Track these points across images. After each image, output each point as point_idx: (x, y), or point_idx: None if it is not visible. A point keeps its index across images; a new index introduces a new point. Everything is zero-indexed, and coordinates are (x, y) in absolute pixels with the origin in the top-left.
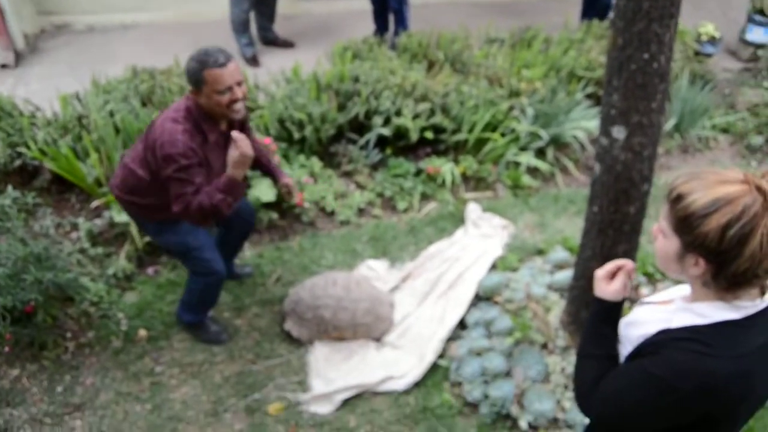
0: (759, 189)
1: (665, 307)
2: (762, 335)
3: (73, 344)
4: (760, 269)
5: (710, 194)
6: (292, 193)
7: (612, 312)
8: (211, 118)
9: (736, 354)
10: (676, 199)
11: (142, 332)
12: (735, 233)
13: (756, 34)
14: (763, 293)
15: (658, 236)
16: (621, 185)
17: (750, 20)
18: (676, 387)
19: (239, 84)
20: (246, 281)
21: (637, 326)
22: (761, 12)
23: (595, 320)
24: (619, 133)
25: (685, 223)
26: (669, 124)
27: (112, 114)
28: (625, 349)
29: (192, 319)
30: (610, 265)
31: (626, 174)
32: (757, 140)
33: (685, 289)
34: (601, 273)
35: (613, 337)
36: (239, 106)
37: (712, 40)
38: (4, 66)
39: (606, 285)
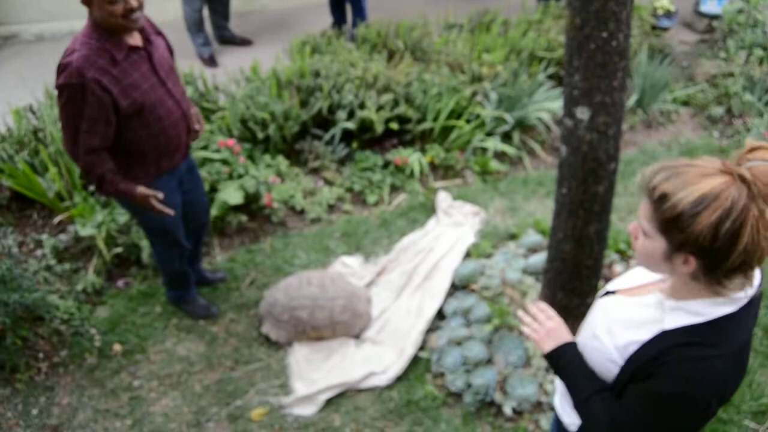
0: (741, 179)
1: (643, 300)
2: (751, 322)
3: (46, 364)
4: (753, 261)
5: (695, 191)
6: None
7: (571, 353)
8: (112, 34)
9: (737, 347)
10: (659, 200)
11: (117, 347)
12: (727, 229)
13: (710, 6)
14: (750, 280)
15: (639, 236)
16: (588, 165)
17: None
18: (694, 397)
19: None
20: (219, 287)
21: (622, 330)
22: None
23: (566, 371)
24: (582, 113)
25: (674, 224)
26: (631, 100)
27: None
28: (608, 351)
29: (174, 295)
30: (534, 325)
31: (593, 154)
32: (717, 111)
33: (652, 274)
34: (535, 335)
35: (593, 371)
36: (137, 15)
37: (668, 14)
38: None
39: (547, 338)
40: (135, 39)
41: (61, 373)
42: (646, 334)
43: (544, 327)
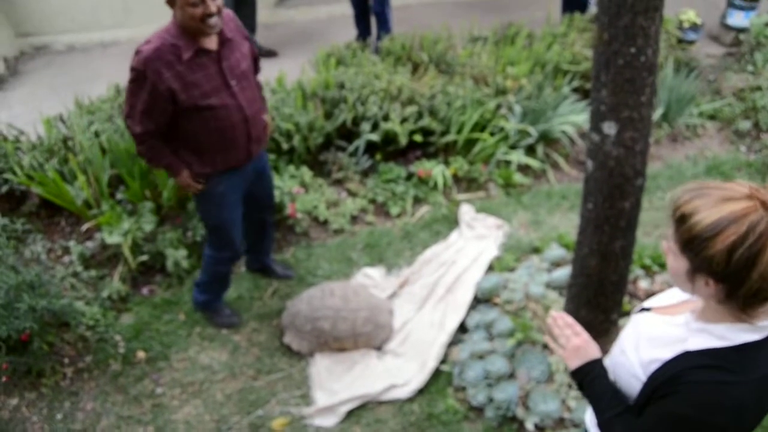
0: (765, 205)
1: (674, 320)
2: None
3: (71, 370)
4: None
5: (714, 214)
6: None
7: (597, 371)
8: (187, 34)
9: (758, 376)
10: (680, 220)
11: (141, 354)
12: (742, 255)
13: (737, 18)
14: None
15: (669, 254)
16: (615, 181)
17: (730, 4)
18: (708, 422)
19: None
20: (243, 296)
21: (648, 347)
22: None
23: (590, 389)
24: (610, 128)
25: (691, 245)
26: (657, 114)
27: (97, 134)
28: (633, 367)
29: (204, 299)
30: (562, 340)
31: (619, 169)
32: (744, 125)
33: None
34: (561, 351)
35: (617, 390)
36: (214, 20)
37: (694, 27)
38: None
39: (574, 355)
40: (209, 42)
41: (85, 378)
42: (669, 353)
43: (571, 343)
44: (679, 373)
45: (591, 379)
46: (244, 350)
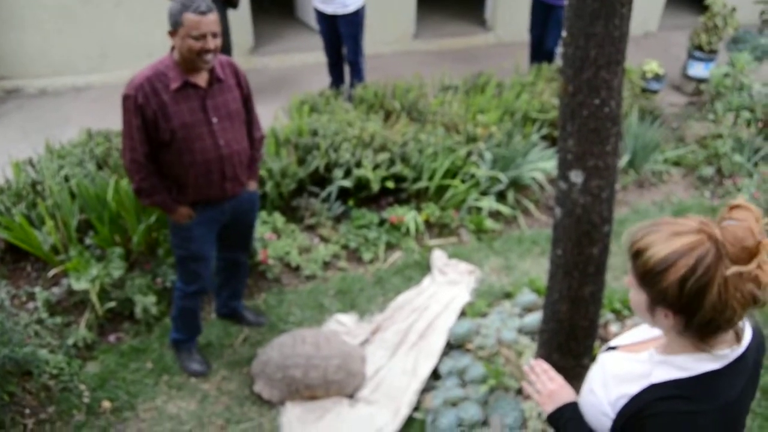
0: (711, 238)
1: (638, 356)
2: (741, 380)
3: (32, 421)
4: (723, 319)
5: (666, 248)
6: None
7: (570, 414)
8: (180, 65)
9: (721, 404)
10: (635, 255)
11: (106, 403)
12: (692, 286)
13: (697, 69)
14: (739, 339)
15: (630, 288)
16: (582, 228)
17: (690, 56)
18: None
19: (214, 36)
20: (213, 343)
21: (615, 384)
22: (700, 48)
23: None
24: (576, 177)
25: (647, 278)
26: (623, 161)
27: (67, 179)
28: (602, 405)
29: (175, 338)
30: (538, 385)
31: (587, 217)
32: (707, 171)
33: (654, 331)
34: (537, 396)
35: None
36: (209, 57)
37: (657, 77)
38: None
39: (548, 400)
40: (199, 78)
41: (47, 430)
42: (635, 388)
43: (546, 388)
44: (645, 406)
45: (565, 422)
46: (213, 399)
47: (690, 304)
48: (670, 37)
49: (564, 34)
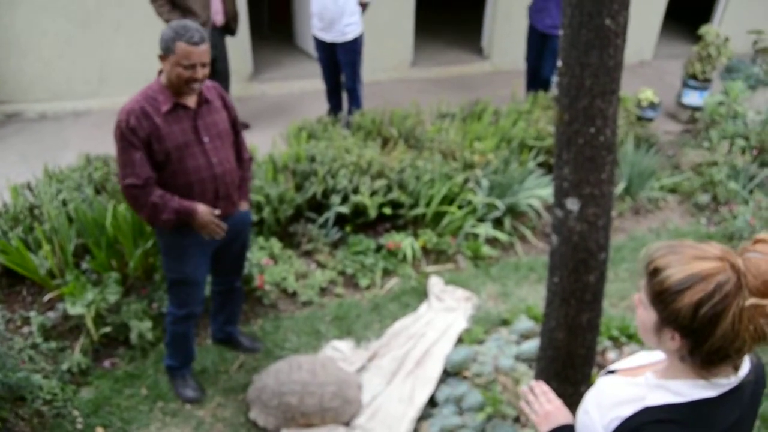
0: (734, 267)
1: (635, 380)
2: (736, 411)
3: None
4: (732, 349)
5: (685, 270)
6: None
7: None
8: (169, 89)
9: None
10: (653, 273)
11: (99, 430)
12: (707, 311)
13: (691, 98)
14: (736, 369)
15: (639, 306)
16: (579, 255)
17: (685, 85)
18: None
19: (203, 65)
20: (208, 369)
21: (609, 406)
22: (694, 77)
23: None
24: (572, 204)
25: (660, 297)
26: (619, 188)
27: (65, 203)
28: (595, 427)
29: (169, 363)
30: (535, 405)
31: (583, 244)
32: (703, 198)
33: (654, 356)
34: (534, 417)
35: None
36: (197, 86)
37: (653, 105)
38: None
39: (545, 420)
40: (188, 100)
41: None
42: (629, 410)
43: (543, 409)
44: (638, 428)
45: None
46: (208, 426)
47: (701, 329)
48: (664, 66)
49: (559, 63)
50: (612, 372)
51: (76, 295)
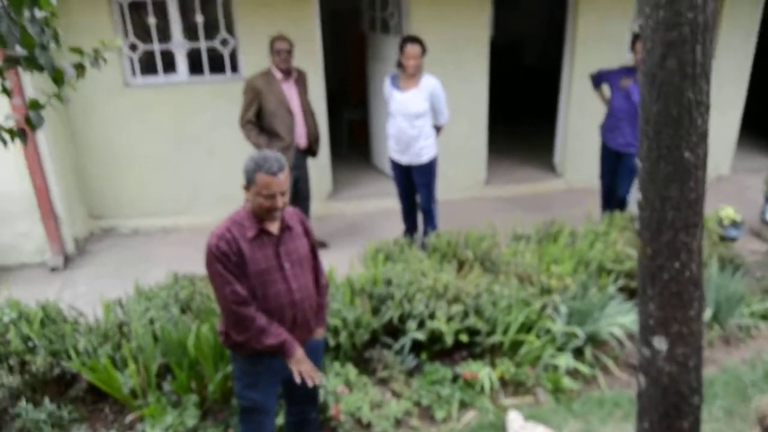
0: None
1: None
2: None
3: None
4: None
5: None
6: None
7: None
8: (254, 216)
9: None
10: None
11: None
12: None
13: None
14: None
15: None
16: (670, 399)
17: (767, 200)
18: None
19: (283, 194)
20: None
21: None
22: None
23: None
24: (660, 343)
25: None
26: (706, 315)
27: (152, 321)
28: None
29: None
30: None
31: (674, 387)
32: None
33: None
34: None
35: None
36: (277, 213)
37: (735, 224)
38: (53, 269)
39: None
40: (272, 226)
41: None
42: None
43: None
44: None
45: None
46: None
47: None
48: (743, 180)
49: (637, 189)
50: None
51: (155, 417)
